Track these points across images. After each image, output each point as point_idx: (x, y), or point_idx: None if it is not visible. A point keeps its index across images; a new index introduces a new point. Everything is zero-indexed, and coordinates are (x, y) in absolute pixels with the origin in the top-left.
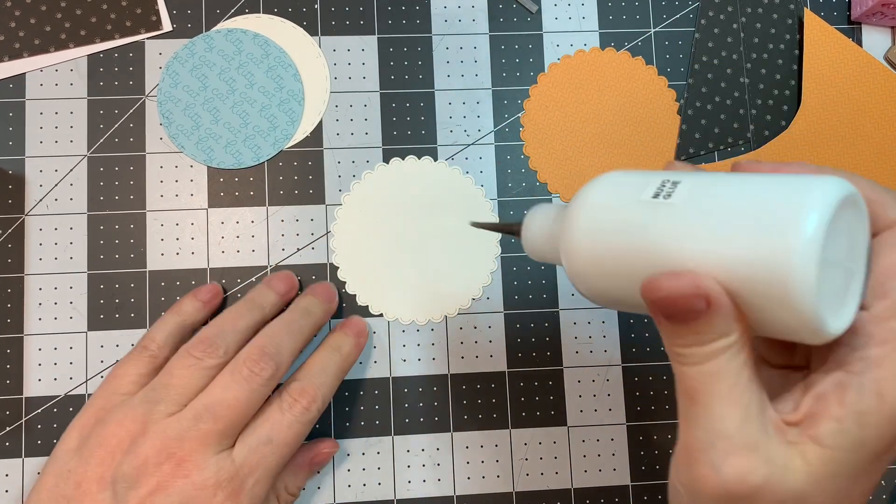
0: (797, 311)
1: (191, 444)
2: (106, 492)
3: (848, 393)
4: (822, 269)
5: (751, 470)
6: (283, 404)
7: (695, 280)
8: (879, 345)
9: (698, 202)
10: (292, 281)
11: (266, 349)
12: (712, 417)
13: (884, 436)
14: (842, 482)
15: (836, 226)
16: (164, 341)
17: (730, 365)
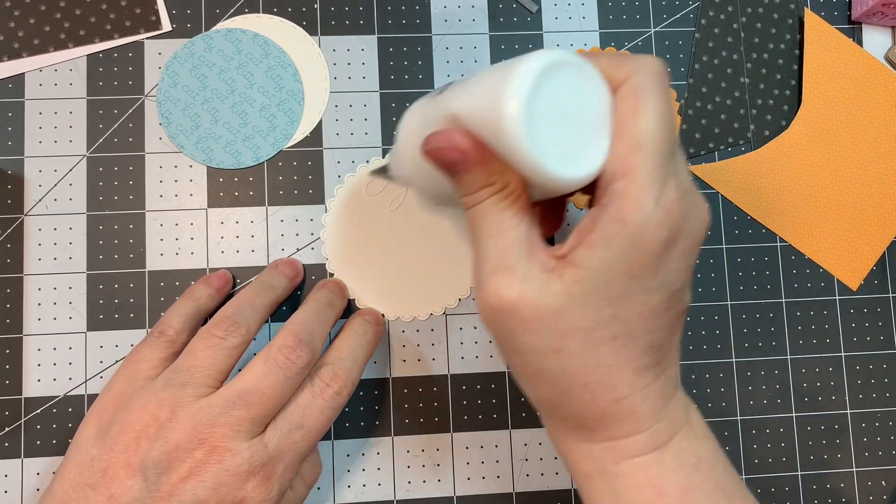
0: (519, 158)
1: (222, 430)
2: (135, 478)
3: (598, 222)
4: (528, 120)
5: (506, 286)
6: (315, 389)
7: (445, 134)
8: (620, 178)
9: (461, 85)
10: (298, 266)
11: (301, 336)
12: (481, 247)
13: (629, 255)
14: (596, 301)
15: (545, 86)
16: (181, 326)
17: (493, 207)
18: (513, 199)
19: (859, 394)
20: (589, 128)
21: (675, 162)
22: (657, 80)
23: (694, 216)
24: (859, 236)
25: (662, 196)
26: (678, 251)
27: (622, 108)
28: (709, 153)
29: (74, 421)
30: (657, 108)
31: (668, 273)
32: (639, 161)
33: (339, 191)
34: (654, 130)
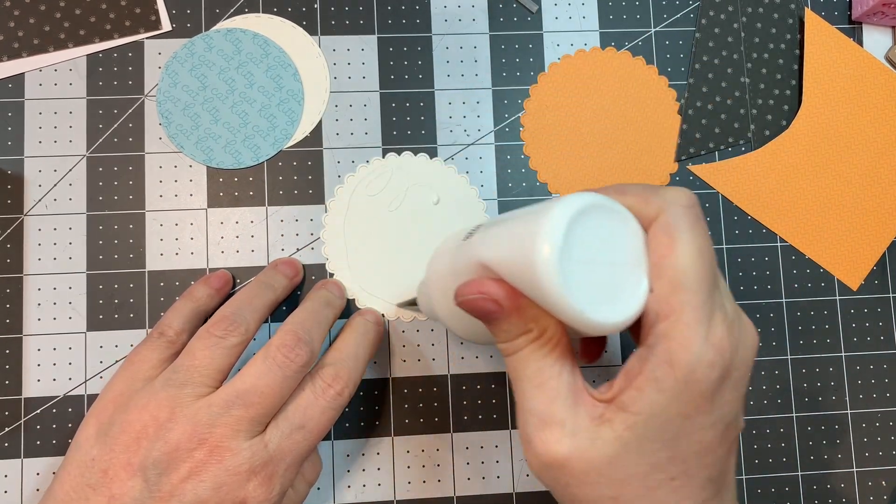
0: (556, 306)
1: (222, 430)
2: (135, 478)
3: (646, 364)
4: (563, 267)
5: (556, 441)
6: (317, 389)
7: (478, 285)
8: (664, 319)
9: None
10: (298, 266)
11: (300, 335)
12: (524, 398)
13: (680, 397)
14: (651, 444)
15: (577, 230)
16: (181, 326)
17: (533, 355)
18: (552, 346)
19: (859, 394)
20: (625, 268)
21: (718, 293)
22: (689, 213)
23: (742, 345)
24: (859, 236)
25: (710, 334)
26: (730, 384)
27: (657, 246)
28: (709, 153)
29: (74, 421)
30: (693, 244)
31: (721, 406)
32: (681, 301)
33: (339, 191)
34: (692, 267)
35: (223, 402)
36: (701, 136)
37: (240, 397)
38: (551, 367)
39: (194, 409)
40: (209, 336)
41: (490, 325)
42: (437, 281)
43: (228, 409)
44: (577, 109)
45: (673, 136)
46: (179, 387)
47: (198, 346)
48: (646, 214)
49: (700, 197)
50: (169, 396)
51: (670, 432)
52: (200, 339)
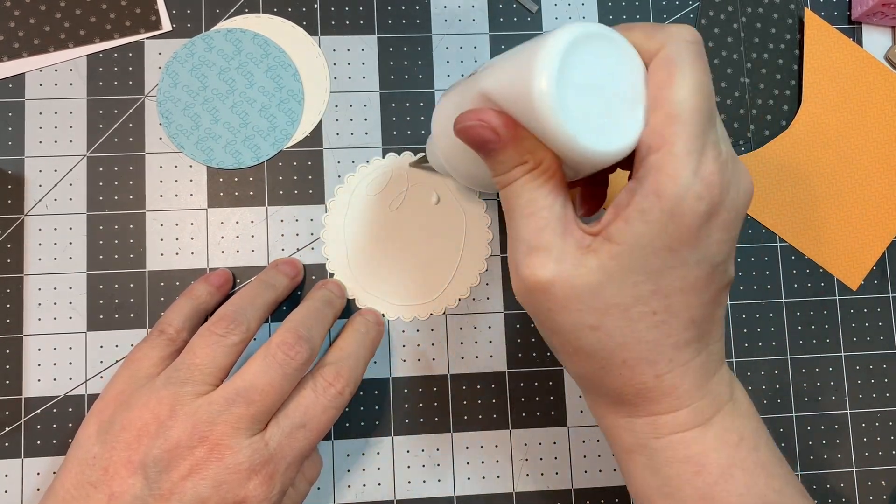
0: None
1: (223, 428)
2: (136, 476)
3: (634, 196)
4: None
5: (540, 266)
6: (318, 388)
7: (477, 112)
8: (655, 151)
9: (492, 63)
10: (298, 265)
11: (300, 333)
12: (515, 227)
13: (666, 228)
14: (635, 276)
15: (576, 58)
16: (181, 325)
17: (527, 185)
18: (547, 177)
19: (859, 394)
20: (623, 101)
21: (713, 132)
22: (691, 48)
23: (735, 187)
24: (859, 236)
25: (700, 167)
26: (719, 223)
27: (656, 79)
28: None
29: (74, 421)
30: (692, 78)
31: (708, 246)
32: (674, 132)
33: (339, 191)
34: (689, 101)
35: (224, 400)
36: None
37: (240, 395)
38: (544, 197)
39: (195, 407)
40: (210, 334)
41: (487, 156)
42: (441, 122)
43: (229, 407)
44: None
45: None
46: (180, 385)
47: (199, 345)
48: (648, 49)
49: None
50: (170, 394)
51: (654, 265)
52: (201, 338)
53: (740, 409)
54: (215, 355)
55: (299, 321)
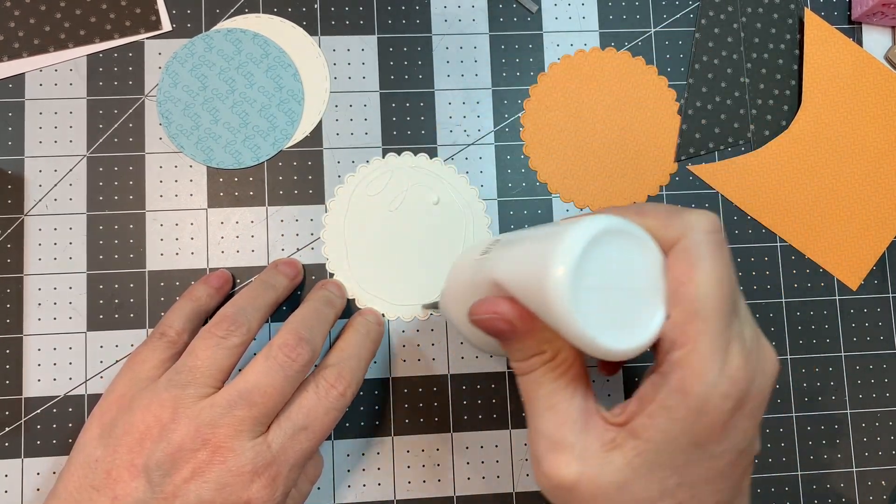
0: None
1: (225, 431)
2: (139, 479)
3: (659, 391)
4: (575, 290)
5: (565, 465)
6: (320, 390)
7: (491, 304)
8: (680, 347)
9: (506, 250)
10: (298, 266)
11: (301, 334)
12: (535, 420)
13: (692, 426)
14: (661, 471)
15: (593, 254)
16: (182, 327)
17: (546, 376)
18: (565, 369)
19: (859, 394)
20: (641, 295)
21: (737, 322)
22: (711, 239)
23: (761, 373)
24: (859, 236)
25: (726, 365)
26: (745, 413)
27: (675, 271)
28: (709, 153)
29: (74, 421)
30: (713, 271)
31: (735, 435)
32: (697, 329)
33: (339, 191)
34: (711, 296)
35: (226, 402)
36: (701, 136)
37: (242, 397)
38: (563, 389)
39: (197, 410)
40: (211, 336)
41: (503, 344)
42: (454, 293)
43: (231, 409)
44: (576, 109)
45: (673, 136)
46: (182, 387)
47: (200, 347)
48: (666, 238)
49: (700, 197)
50: (172, 397)
51: (681, 460)
52: (202, 340)
53: None
54: (216, 357)
55: (300, 322)
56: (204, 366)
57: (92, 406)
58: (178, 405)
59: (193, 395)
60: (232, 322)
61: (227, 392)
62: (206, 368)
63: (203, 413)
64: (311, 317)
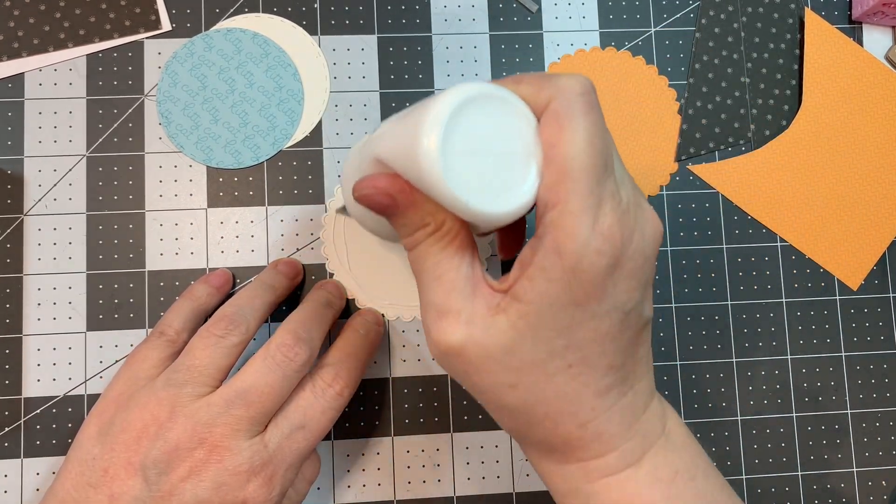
0: (441, 196)
1: (222, 430)
2: (135, 478)
3: (536, 254)
4: (446, 157)
5: (451, 331)
6: (317, 389)
7: (372, 179)
8: (552, 208)
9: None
10: (298, 266)
11: (299, 334)
12: (424, 291)
13: (569, 286)
14: (546, 332)
15: (464, 121)
16: (181, 326)
17: (431, 248)
18: (450, 239)
19: (859, 394)
20: (515, 159)
21: (610, 181)
22: (581, 99)
23: (640, 233)
24: (859, 236)
25: (598, 221)
26: (625, 272)
27: (546, 134)
28: (709, 153)
29: (74, 421)
30: (583, 130)
31: (616, 295)
32: (567, 189)
33: (339, 191)
34: (579, 155)
35: (223, 402)
36: (701, 136)
37: (239, 396)
38: (449, 259)
39: (194, 409)
40: (209, 335)
41: (390, 220)
42: (347, 180)
43: (228, 409)
44: None
45: (673, 135)
46: (180, 386)
47: (198, 346)
48: (538, 103)
49: (700, 197)
50: (169, 396)
51: (564, 321)
52: (201, 339)
53: (674, 441)
54: (214, 356)
55: (298, 322)
56: (202, 365)
57: (91, 406)
58: (175, 404)
59: (191, 394)
60: (230, 321)
61: (224, 391)
62: (204, 367)
63: (200, 412)
64: (309, 317)
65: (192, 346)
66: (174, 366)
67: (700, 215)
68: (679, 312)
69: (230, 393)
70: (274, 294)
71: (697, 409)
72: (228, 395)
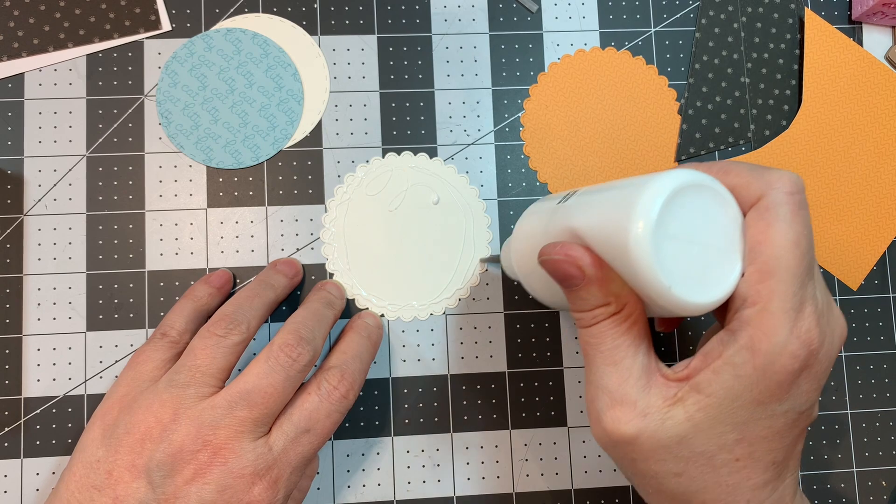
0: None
1: (226, 432)
2: (140, 480)
3: (727, 348)
4: (656, 242)
5: (626, 421)
6: (322, 392)
7: (565, 247)
8: (751, 306)
9: (585, 198)
10: (297, 266)
11: (302, 335)
12: (596, 374)
13: (757, 384)
14: (721, 426)
15: (674, 207)
16: (183, 327)
17: (611, 330)
18: (630, 323)
19: (859, 394)
20: (719, 251)
21: (811, 284)
22: (792, 200)
23: (829, 337)
24: (859, 236)
25: (796, 326)
26: (811, 374)
27: (753, 230)
28: (709, 153)
29: (74, 421)
30: (790, 231)
31: (797, 396)
32: (770, 289)
33: (339, 191)
34: (786, 256)
35: (226, 403)
36: (701, 136)
37: (243, 398)
38: (628, 346)
39: (198, 411)
40: (210, 335)
41: (569, 291)
42: (523, 240)
43: (232, 410)
44: (577, 109)
45: (673, 136)
46: (182, 388)
47: (199, 346)
48: (747, 197)
49: None
50: (172, 397)
51: (742, 417)
52: (202, 339)
53: None
54: (216, 356)
55: (301, 323)
56: (204, 365)
57: (91, 406)
58: (178, 406)
59: (194, 395)
60: (231, 321)
61: (227, 393)
62: (206, 368)
63: (204, 414)
64: (311, 318)
65: (193, 347)
66: (176, 367)
67: None
68: None
69: (233, 394)
70: (274, 293)
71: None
72: (232, 397)
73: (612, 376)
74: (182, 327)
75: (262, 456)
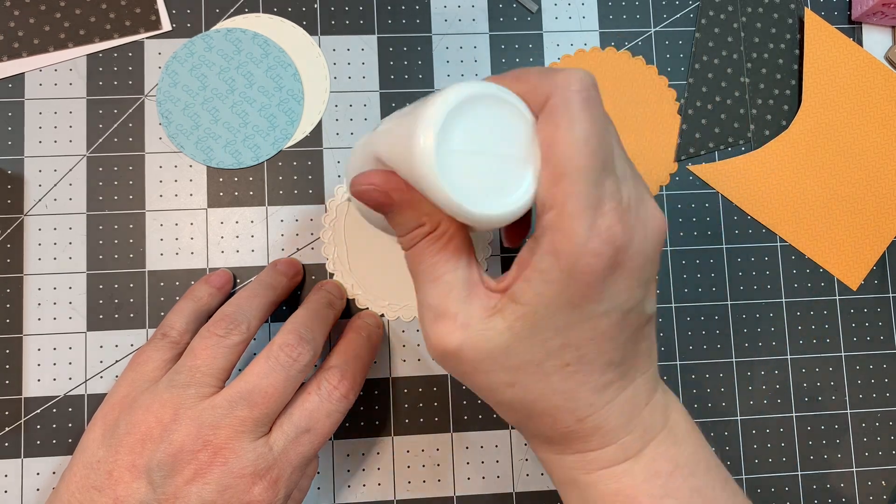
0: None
1: (226, 432)
2: (140, 480)
3: (533, 255)
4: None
5: (447, 333)
6: (322, 392)
7: (368, 176)
8: (549, 210)
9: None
10: (297, 265)
11: (302, 335)
12: (422, 293)
13: (566, 287)
14: (543, 333)
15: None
16: (184, 327)
17: (427, 249)
18: (446, 240)
19: (859, 394)
20: (513, 160)
21: (610, 179)
22: (578, 96)
23: (641, 231)
24: (859, 236)
25: (596, 222)
26: (624, 272)
27: (543, 133)
28: (709, 153)
29: (74, 421)
30: (578, 128)
31: (615, 295)
32: (564, 191)
33: (339, 191)
34: (575, 155)
35: (227, 403)
36: (701, 136)
37: (243, 398)
38: (446, 262)
39: (198, 411)
40: (210, 335)
41: (386, 217)
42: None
43: (232, 410)
44: None
45: (673, 136)
46: (183, 388)
47: (199, 346)
48: (536, 101)
49: (700, 197)
50: (172, 398)
51: (561, 321)
52: (202, 339)
53: (676, 435)
54: (216, 356)
55: (301, 323)
56: (204, 365)
57: (92, 406)
58: (178, 406)
59: (194, 395)
60: (231, 321)
61: (227, 392)
62: (207, 368)
63: (204, 414)
64: (311, 318)
65: (193, 347)
66: (177, 367)
67: (700, 215)
68: (679, 312)
69: (233, 394)
70: (274, 293)
71: (697, 409)
72: (232, 397)
73: (433, 292)
74: (182, 327)
75: (263, 456)
